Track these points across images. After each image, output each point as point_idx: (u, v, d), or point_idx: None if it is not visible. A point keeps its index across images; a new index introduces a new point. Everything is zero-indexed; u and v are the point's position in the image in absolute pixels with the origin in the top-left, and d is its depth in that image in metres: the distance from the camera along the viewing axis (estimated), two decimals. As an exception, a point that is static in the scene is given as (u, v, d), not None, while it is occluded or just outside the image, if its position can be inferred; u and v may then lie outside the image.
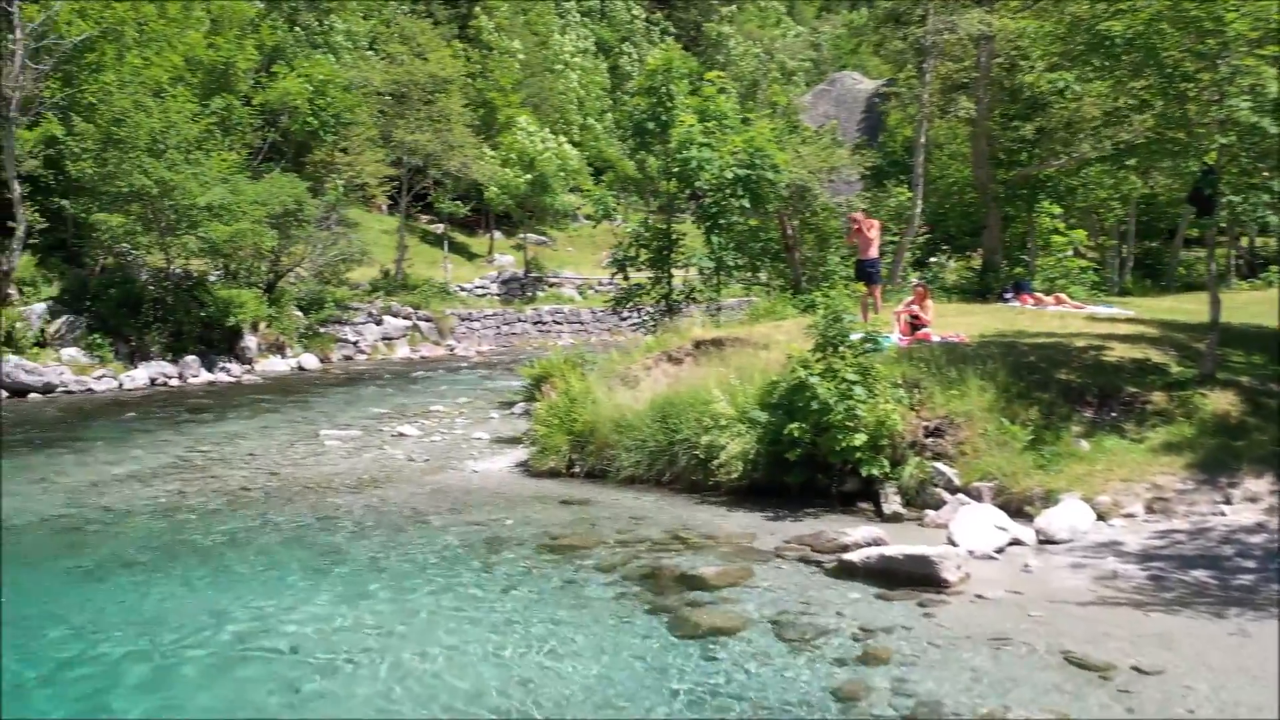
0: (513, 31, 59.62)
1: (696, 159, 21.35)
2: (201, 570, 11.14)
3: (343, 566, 11.15)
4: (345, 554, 11.64)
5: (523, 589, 10.32)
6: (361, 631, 9.26)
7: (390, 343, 38.68)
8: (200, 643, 9.06)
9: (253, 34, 43.33)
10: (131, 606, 10.06)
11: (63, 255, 32.17)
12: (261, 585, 10.58)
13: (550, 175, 47.57)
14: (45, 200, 30.51)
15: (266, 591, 10.36)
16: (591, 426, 15.37)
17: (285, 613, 9.77)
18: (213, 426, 21.24)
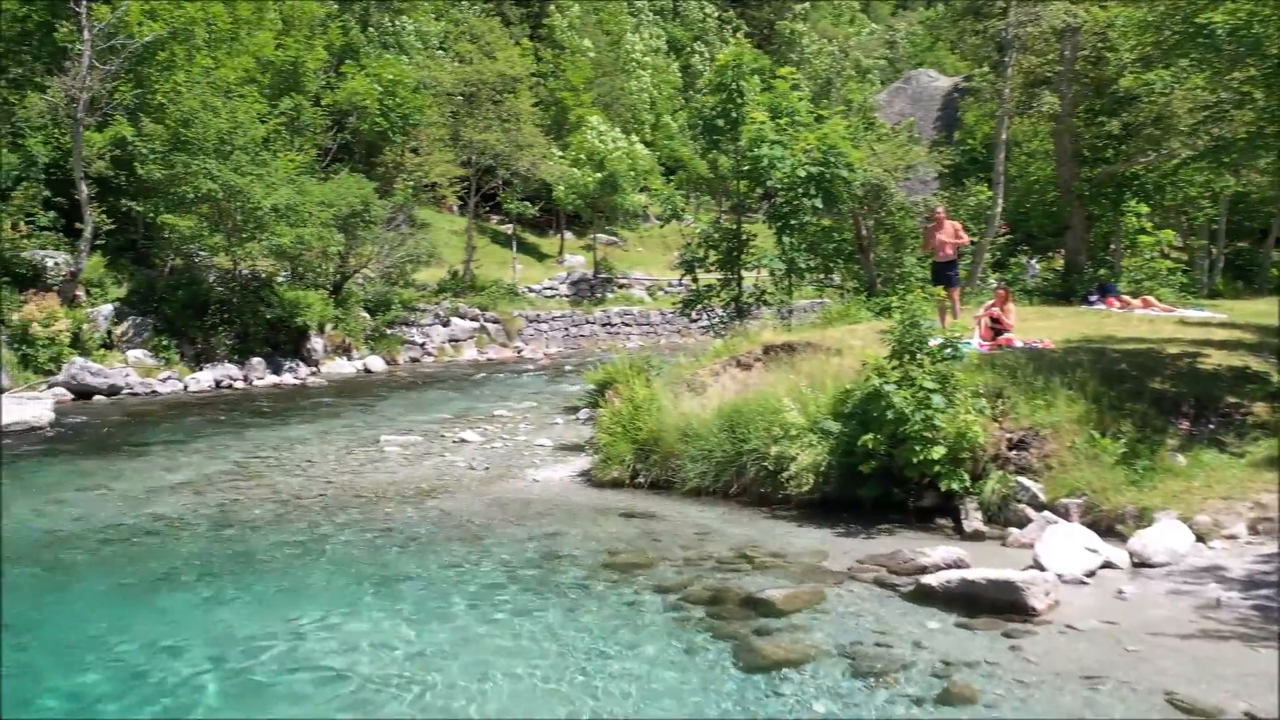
0: (584, 30, 59.23)
1: (767, 157, 20.64)
2: (248, 587, 10.69)
3: (393, 584, 10.64)
4: (396, 570, 11.13)
5: (581, 611, 9.73)
6: (410, 655, 8.72)
7: (457, 344, 38.36)
8: (240, 664, 8.60)
9: (322, 34, 43.27)
10: (174, 625, 9.60)
11: (132, 256, 32.19)
12: (308, 603, 10.09)
13: (620, 175, 47.02)
14: (115, 201, 30.54)
15: (312, 610, 9.87)
16: (656, 435, 14.76)
17: (329, 633, 9.29)
18: (273, 431, 20.93)
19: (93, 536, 12.71)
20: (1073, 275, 25.87)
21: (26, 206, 29.17)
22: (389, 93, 41.51)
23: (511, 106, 44.86)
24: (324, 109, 39.50)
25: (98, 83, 29.41)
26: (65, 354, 26.46)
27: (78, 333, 27.19)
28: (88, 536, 12.71)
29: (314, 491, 15.05)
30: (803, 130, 21.79)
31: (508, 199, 47.99)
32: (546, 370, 33.86)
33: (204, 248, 30.53)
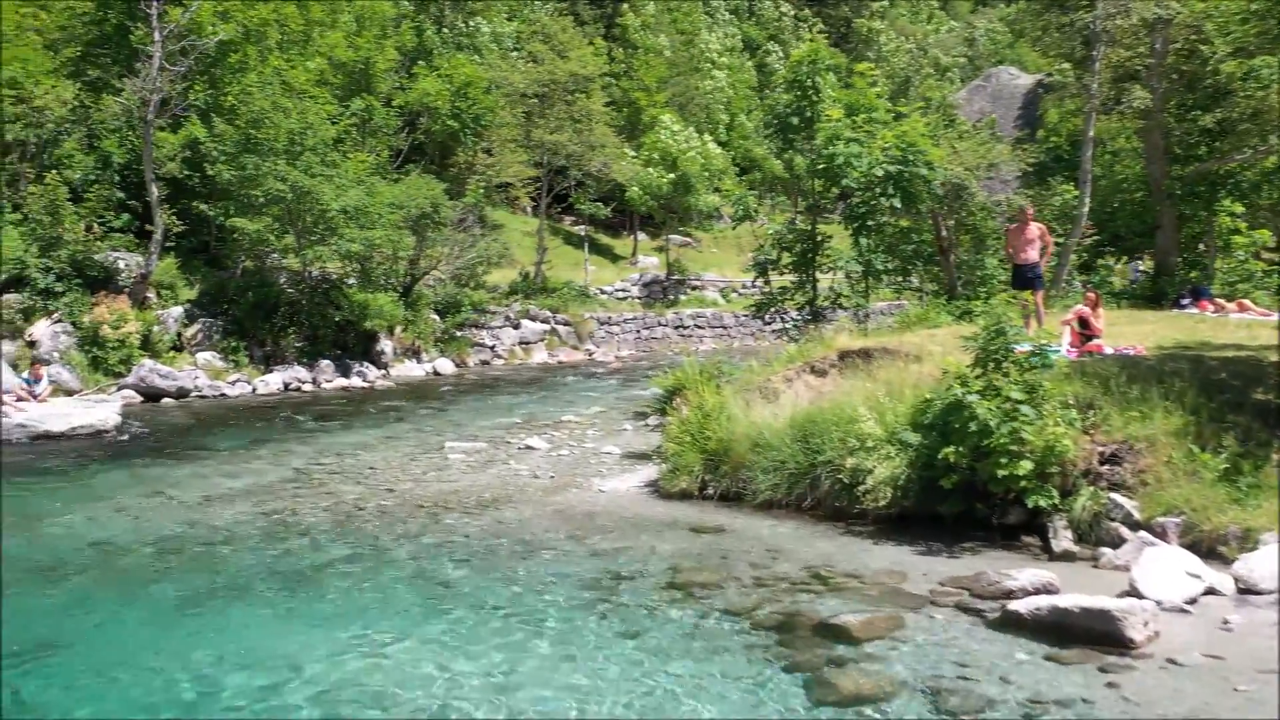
0: (658, 29, 58.75)
1: (844, 155, 19.96)
2: (298, 603, 10.31)
3: (448, 602, 10.17)
4: (452, 586, 10.66)
5: (644, 635, 9.18)
6: (459, 680, 8.24)
7: (527, 347, 37.99)
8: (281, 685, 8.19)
9: (394, 34, 43.19)
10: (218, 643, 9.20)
11: (205, 258, 32.22)
12: (357, 621, 9.65)
13: (693, 175, 46.39)
14: (188, 203, 30.57)
15: (361, 628, 9.44)
16: (726, 445, 14.16)
17: (378, 654, 8.84)
18: (338, 436, 20.64)
19: (147, 547, 12.41)
20: (1163, 277, 24.89)
21: (99, 208, 29.22)
22: (460, 94, 41.26)
23: (584, 106, 44.42)
24: (395, 110, 39.30)
25: (168, 84, 29.40)
26: (135, 356, 26.45)
27: (148, 335, 27.20)
28: (142, 547, 12.41)
29: (374, 501, 14.64)
30: (880, 128, 21.09)
31: (580, 200, 47.62)
32: (617, 374, 33.38)
33: (274, 250, 30.39)
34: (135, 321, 26.83)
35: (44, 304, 26.67)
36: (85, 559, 11.91)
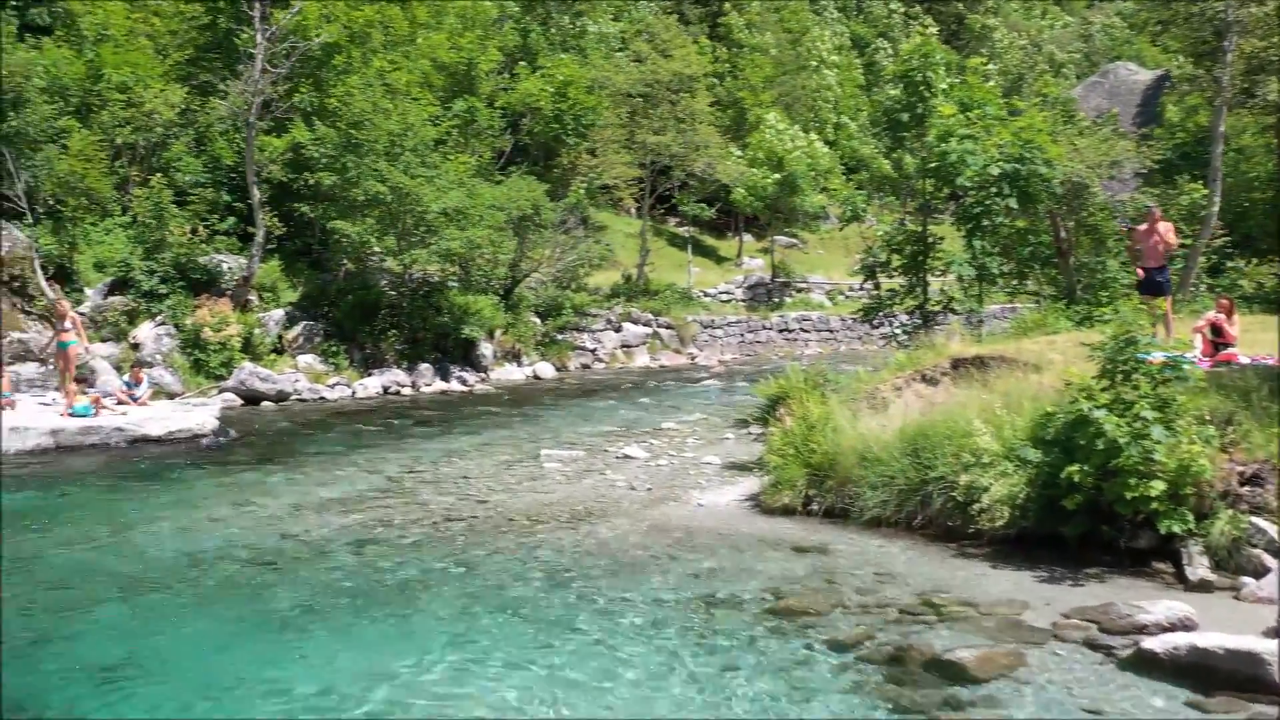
0: (764, 28, 57.93)
1: (957, 152, 19.07)
2: (382, 621, 9.88)
3: (534, 625, 9.64)
4: (541, 607, 10.13)
5: (741, 668, 8.54)
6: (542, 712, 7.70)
7: (629, 350, 37.42)
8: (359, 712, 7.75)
9: (496, 34, 42.99)
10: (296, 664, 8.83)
11: (308, 260, 32.25)
12: (439, 644, 9.17)
13: (799, 175, 45.42)
14: (292, 206, 30.62)
15: (442, 653, 8.97)
16: (832, 458, 13.41)
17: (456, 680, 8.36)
18: (433, 442, 20.27)
19: (233, 558, 12.07)
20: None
21: (203, 211, 29.36)
22: (561, 94, 40.89)
23: (688, 106, 43.77)
24: (498, 111, 39.07)
25: (270, 86, 29.43)
26: (236, 359, 26.43)
27: (249, 337, 27.19)
28: (228, 558, 12.07)
29: (465, 512, 14.18)
30: (995, 124, 20.15)
31: (683, 201, 46.97)
32: (720, 378, 32.65)
33: (374, 252, 30.24)
34: (237, 324, 26.85)
35: (148, 306, 26.83)
36: (170, 571, 11.60)
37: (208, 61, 32.73)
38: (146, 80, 31.57)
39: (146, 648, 9.33)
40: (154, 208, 27.60)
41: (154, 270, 27.34)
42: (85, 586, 11.09)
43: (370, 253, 30.49)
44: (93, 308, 26.74)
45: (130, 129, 30.93)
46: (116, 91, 31.15)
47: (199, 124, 32.01)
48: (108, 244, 28.92)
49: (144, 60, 32.62)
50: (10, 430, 18.88)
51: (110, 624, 9.99)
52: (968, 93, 20.93)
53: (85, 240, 28.97)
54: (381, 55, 34.76)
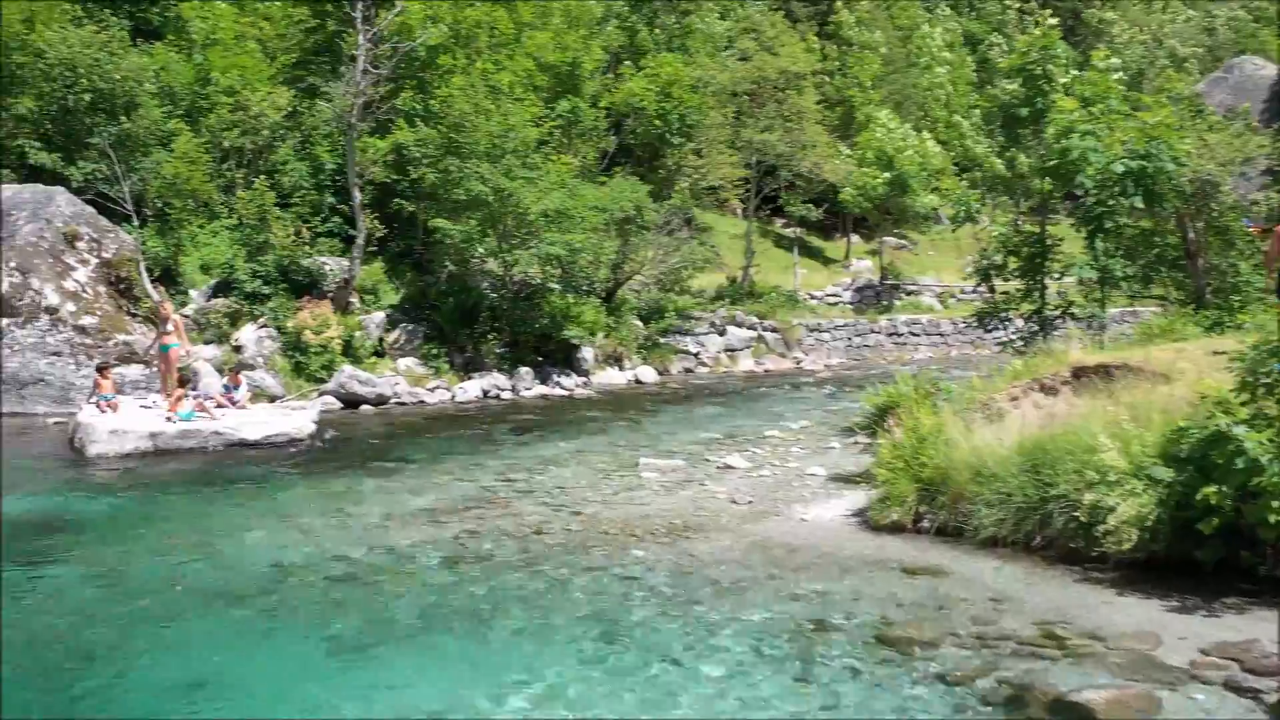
0: (874, 25, 56.81)
1: (1079, 149, 18.07)
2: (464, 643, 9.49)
3: (625, 650, 9.18)
4: (633, 631, 9.62)
5: (846, 704, 7.92)
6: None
7: (733, 354, 36.67)
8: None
9: (600, 33, 42.57)
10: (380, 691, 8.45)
11: (411, 262, 32.13)
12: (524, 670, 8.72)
13: (910, 174, 44.22)
14: (396, 208, 30.53)
15: (528, 677, 8.56)
16: (944, 473, 12.64)
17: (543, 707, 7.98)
18: (530, 449, 19.82)
19: (319, 572, 11.73)
20: None
21: (305, 213, 29.38)
22: (666, 93, 40.32)
23: (795, 104, 42.90)
24: (601, 111, 38.65)
25: (371, 87, 29.34)
26: (337, 361, 26.29)
27: (350, 340, 27.04)
28: (314, 572, 11.74)
29: (559, 525, 13.67)
30: (1120, 119, 19.10)
31: (790, 201, 46.08)
32: (826, 384, 31.80)
33: (476, 254, 29.96)
34: (338, 326, 26.73)
35: (250, 308, 26.84)
36: (255, 584, 11.30)
37: (316, 64, 32.73)
38: (254, 84, 31.75)
39: (225, 667, 9.05)
40: (257, 210, 27.63)
41: (257, 272, 27.39)
42: (169, 598, 10.88)
43: (472, 255, 30.19)
44: (196, 310, 26.86)
45: (237, 132, 31.12)
46: (224, 95, 31.38)
47: (305, 126, 32.10)
48: (213, 246, 29.08)
49: (251, 64, 32.82)
50: (110, 433, 18.89)
51: (190, 639, 9.74)
52: (1091, 87, 19.89)
53: (192, 243, 29.18)
54: (486, 56, 34.56)
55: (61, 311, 24.48)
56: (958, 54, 62.56)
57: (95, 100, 28.33)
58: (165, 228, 27.97)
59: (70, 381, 23.80)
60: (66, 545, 13.05)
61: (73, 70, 28.11)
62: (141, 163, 28.43)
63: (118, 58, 28.87)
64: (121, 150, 27.86)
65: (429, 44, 31.93)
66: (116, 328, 25.08)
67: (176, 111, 31.12)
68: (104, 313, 25.23)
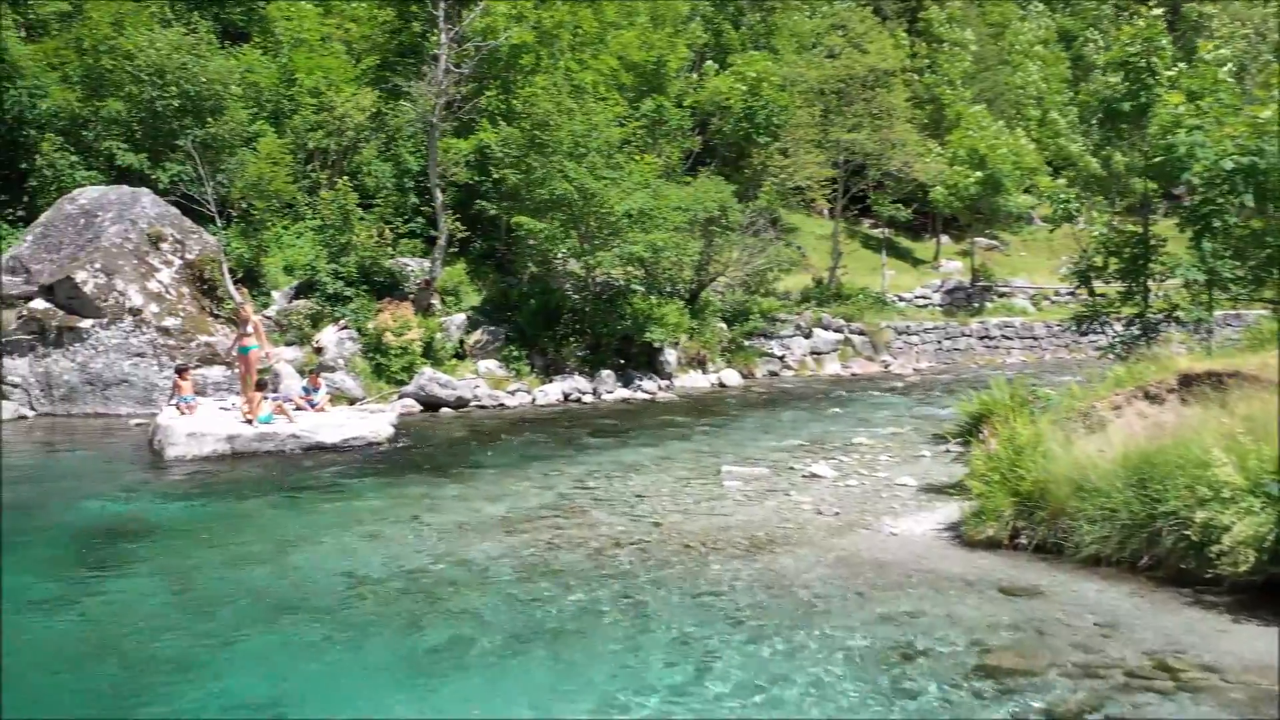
0: (965, 22, 55.65)
1: (1185, 145, 17.20)
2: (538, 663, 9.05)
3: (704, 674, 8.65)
4: (710, 653, 9.11)
5: (940, 741, 7.34)
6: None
7: (819, 358, 35.92)
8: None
9: (685, 31, 42.06)
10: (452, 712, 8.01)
11: (494, 264, 31.88)
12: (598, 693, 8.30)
13: (1004, 173, 43.01)
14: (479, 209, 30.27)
15: (602, 703, 8.12)
16: (1043, 486, 11.93)
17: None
18: (610, 454, 19.33)
19: (391, 583, 11.34)
20: None
21: (387, 214, 29.22)
22: (752, 91, 39.66)
23: (884, 102, 41.98)
24: (686, 110, 38.13)
25: (453, 87, 29.10)
26: (417, 364, 26.05)
27: (430, 342, 26.79)
28: (385, 583, 11.35)
29: (636, 536, 13.16)
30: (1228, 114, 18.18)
31: (879, 201, 45.13)
32: (915, 389, 30.98)
33: (558, 254, 29.58)
34: (418, 328, 26.48)
35: (331, 310, 26.70)
36: (326, 596, 10.97)
37: (401, 66, 32.58)
38: (339, 85, 31.74)
39: (292, 683, 8.72)
40: (339, 211, 27.50)
41: (338, 274, 27.25)
42: (239, 609, 10.57)
43: (554, 255, 29.84)
44: (278, 311, 26.79)
45: (322, 133, 31.10)
46: (309, 96, 31.39)
47: (389, 128, 32.00)
48: (297, 248, 29.05)
49: (336, 65, 32.83)
50: (188, 436, 18.77)
51: (258, 653, 9.42)
52: (1198, 80, 18.98)
53: (276, 244, 29.19)
54: (569, 56, 34.25)
55: (145, 313, 24.52)
56: (1052, 51, 61.10)
57: (183, 104, 28.44)
58: (248, 229, 27.95)
59: (153, 382, 23.87)
60: (138, 552, 12.82)
61: (161, 74, 28.24)
62: (226, 164, 28.50)
63: (204, 60, 28.96)
64: (207, 152, 27.92)
65: (511, 43, 31.68)
66: (199, 329, 25.07)
67: (262, 113, 31.19)
68: (187, 314, 25.25)
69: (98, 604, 10.77)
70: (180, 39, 28.99)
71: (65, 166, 27.83)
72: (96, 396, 23.80)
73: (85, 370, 23.86)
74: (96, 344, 24.00)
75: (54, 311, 24.17)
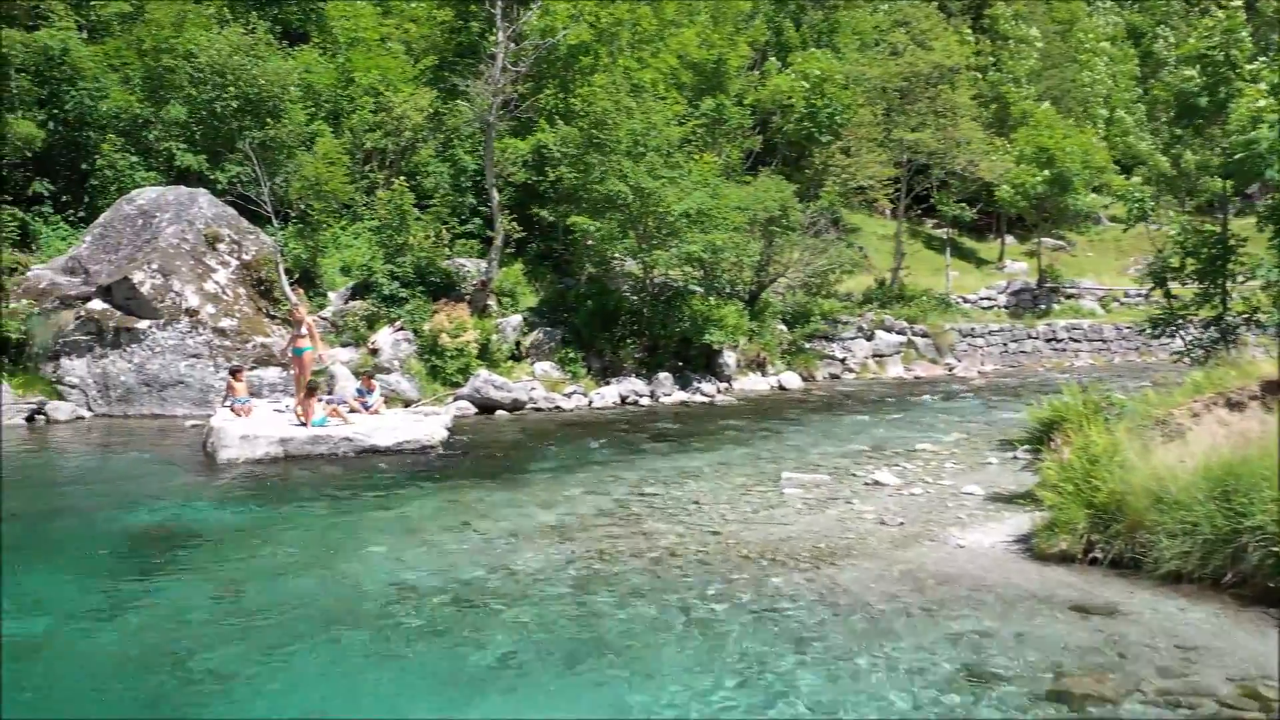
0: (1032, 19, 54.67)
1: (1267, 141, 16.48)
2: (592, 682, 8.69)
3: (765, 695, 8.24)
4: (771, 670, 8.71)
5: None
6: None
7: (881, 360, 35.27)
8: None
9: (746, 29, 41.52)
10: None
11: (551, 264, 31.57)
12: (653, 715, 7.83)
13: (1073, 172, 41.95)
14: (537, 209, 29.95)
15: None
16: (1119, 498, 11.36)
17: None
18: (667, 459, 18.90)
19: (438, 594, 10.97)
20: None
21: (443, 214, 28.99)
22: (816, 90, 39.05)
23: (948, 100, 41.17)
24: (747, 108, 37.61)
25: (510, 85, 28.82)
26: (472, 365, 25.78)
27: (486, 344, 26.50)
28: (432, 595, 10.98)
29: (693, 546, 12.72)
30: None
31: (943, 200, 44.29)
32: (981, 392, 30.29)
33: (616, 255, 29.19)
34: (474, 330, 26.21)
35: (387, 311, 26.51)
36: (377, 607, 10.65)
37: (461, 65, 32.32)
38: (396, 84, 31.59)
39: (338, 697, 8.44)
40: (396, 211, 27.30)
41: (395, 274, 27.04)
42: (286, 619, 10.28)
43: (612, 256, 29.47)
44: (334, 312, 26.65)
45: (380, 133, 30.96)
46: (366, 95, 31.26)
47: (447, 128, 31.81)
48: (355, 248, 28.91)
49: (395, 65, 32.68)
50: (241, 438, 18.57)
51: (305, 666, 9.16)
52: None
53: (334, 244, 29.07)
54: (628, 54, 33.89)
55: (201, 313, 24.45)
56: (1120, 48, 59.90)
57: (241, 104, 28.40)
58: (305, 229, 27.82)
59: (209, 384, 23.77)
60: (188, 559, 12.59)
61: (221, 75, 28.22)
62: (284, 165, 28.42)
63: (263, 61, 28.89)
64: (265, 153, 27.86)
65: (569, 42, 31.38)
66: (255, 330, 24.96)
67: (319, 113, 31.11)
68: (243, 315, 25.15)
69: (146, 613, 10.53)
70: (239, 39, 28.94)
71: (125, 167, 27.90)
72: (153, 397, 23.75)
73: (142, 371, 23.83)
74: (153, 345, 23.97)
75: (111, 312, 24.16)
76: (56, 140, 28.08)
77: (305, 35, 34.69)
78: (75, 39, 28.67)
